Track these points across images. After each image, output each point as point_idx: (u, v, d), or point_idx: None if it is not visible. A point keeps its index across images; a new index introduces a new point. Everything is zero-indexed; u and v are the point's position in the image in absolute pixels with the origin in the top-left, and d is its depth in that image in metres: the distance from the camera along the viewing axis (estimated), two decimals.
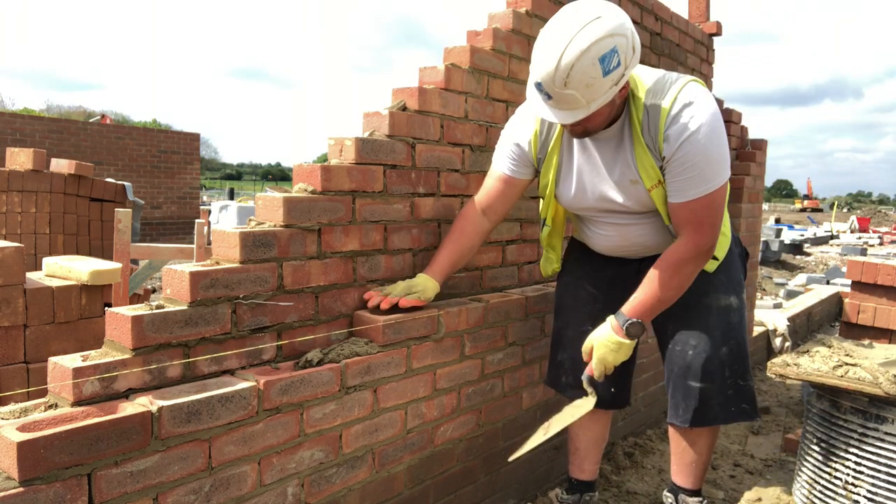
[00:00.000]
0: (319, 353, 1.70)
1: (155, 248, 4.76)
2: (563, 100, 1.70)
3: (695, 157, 1.78)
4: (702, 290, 2.07)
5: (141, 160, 11.56)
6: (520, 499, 2.48)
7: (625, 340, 1.90)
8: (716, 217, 1.87)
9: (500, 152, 2.10)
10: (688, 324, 2.07)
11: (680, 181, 1.83)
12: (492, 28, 2.32)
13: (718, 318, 2.06)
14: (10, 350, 2.26)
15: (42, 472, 1.16)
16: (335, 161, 1.87)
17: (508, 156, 2.07)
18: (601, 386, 2.02)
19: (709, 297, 2.08)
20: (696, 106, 1.79)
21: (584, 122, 1.79)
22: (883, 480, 2.04)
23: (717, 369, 2.03)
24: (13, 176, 4.43)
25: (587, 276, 2.23)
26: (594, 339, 1.95)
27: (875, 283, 3.49)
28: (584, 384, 1.97)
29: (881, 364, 2.12)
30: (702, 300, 2.07)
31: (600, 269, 2.21)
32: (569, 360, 2.20)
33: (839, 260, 13.86)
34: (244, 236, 1.59)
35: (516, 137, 2.06)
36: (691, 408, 2.05)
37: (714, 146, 1.79)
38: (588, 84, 1.66)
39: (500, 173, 2.09)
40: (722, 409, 2.04)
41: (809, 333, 5.79)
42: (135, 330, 1.38)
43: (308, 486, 1.66)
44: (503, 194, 2.10)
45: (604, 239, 2.14)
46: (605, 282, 2.19)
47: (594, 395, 1.96)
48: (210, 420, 1.41)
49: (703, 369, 2.02)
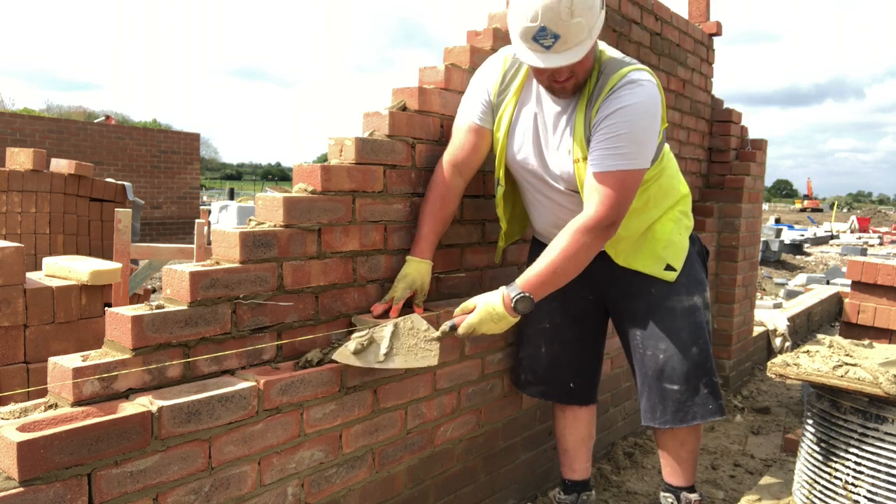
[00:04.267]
0: (319, 353, 1.70)
1: (155, 248, 4.76)
2: (570, 33, 1.68)
3: (620, 129, 1.79)
4: (664, 294, 2.09)
5: (141, 160, 11.56)
6: (520, 499, 2.48)
7: (509, 316, 1.82)
8: (625, 199, 1.83)
9: (470, 101, 2.05)
10: (654, 328, 2.08)
11: (601, 150, 1.81)
12: (492, 28, 2.32)
13: (684, 320, 2.08)
14: (10, 350, 2.26)
15: (42, 472, 1.16)
16: (335, 161, 1.87)
17: (479, 102, 2.02)
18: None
19: (671, 300, 2.09)
20: (640, 87, 1.81)
21: (578, 66, 1.78)
22: (883, 480, 2.04)
23: (691, 370, 2.06)
24: (13, 176, 4.43)
25: None
26: (480, 302, 1.84)
27: (875, 283, 3.49)
28: (440, 328, 1.82)
29: (881, 364, 2.12)
30: (664, 304, 2.09)
31: None
32: (527, 359, 2.27)
33: (839, 260, 13.86)
34: (244, 236, 1.59)
35: (485, 82, 2.02)
36: (669, 409, 2.08)
37: (641, 128, 1.81)
38: (590, 6, 1.69)
39: (471, 123, 2.02)
40: (700, 407, 2.08)
41: (809, 333, 5.79)
42: (135, 330, 1.38)
43: (308, 486, 1.66)
44: (475, 147, 2.03)
45: (539, 215, 2.13)
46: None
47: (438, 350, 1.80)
48: (210, 420, 1.41)
49: (676, 372, 2.06)
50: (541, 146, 1.99)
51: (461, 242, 2.26)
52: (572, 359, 2.27)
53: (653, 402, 2.11)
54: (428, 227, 1.99)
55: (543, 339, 2.25)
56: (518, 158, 2.03)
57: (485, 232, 2.36)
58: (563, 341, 2.25)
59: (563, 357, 2.25)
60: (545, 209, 2.10)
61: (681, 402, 2.07)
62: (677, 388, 2.07)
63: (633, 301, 2.14)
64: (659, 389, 2.09)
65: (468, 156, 2.03)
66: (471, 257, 2.31)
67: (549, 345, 2.25)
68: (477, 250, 2.33)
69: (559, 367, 2.26)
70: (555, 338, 2.24)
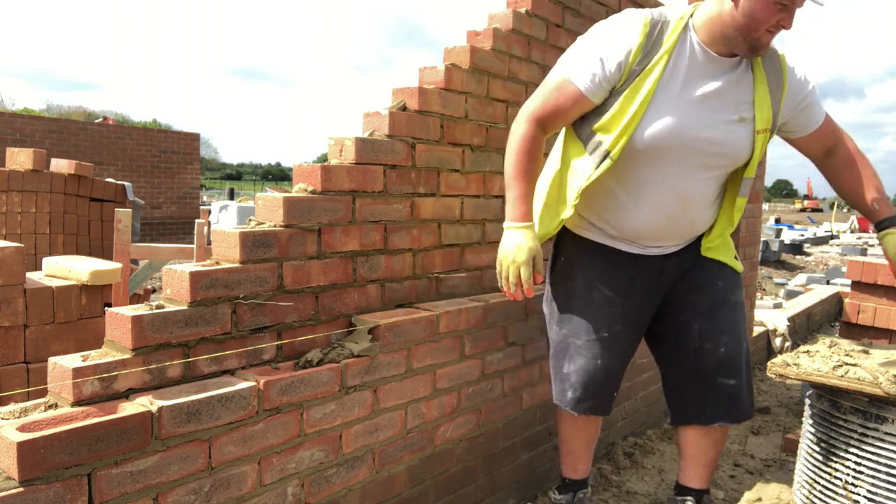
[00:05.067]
0: (319, 353, 1.70)
1: (155, 248, 4.76)
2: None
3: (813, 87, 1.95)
4: (728, 287, 2.05)
5: (141, 160, 11.56)
6: (520, 499, 2.48)
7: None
8: None
9: (586, 63, 1.79)
10: (719, 321, 2.03)
11: (813, 109, 1.94)
12: (492, 28, 2.32)
13: (741, 314, 2.07)
14: (10, 350, 2.26)
15: (42, 472, 1.16)
16: (335, 161, 1.87)
17: (598, 70, 1.77)
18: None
19: (733, 294, 2.07)
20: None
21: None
22: (883, 480, 2.04)
23: (744, 365, 2.04)
24: (13, 176, 4.43)
25: (602, 277, 2.01)
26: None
27: (875, 283, 3.49)
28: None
29: (881, 364, 2.12)
30: (728, 297, 2.05)
31: (619, 268, 2.01)
32: (576, 373, 2.02)
33: (839, 260, 13.86)
34: (244, 236, 1.59)
35: (616, 49, 1.76)
36: (721, 406, 2.03)
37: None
38: None
39: (575, 89, 1.80)
40: (747, 405, 2.05)
41: (809, 333, 5.79)
42: (135, 330, 1.38)
43: (308, 486, 1.66)
44: (568, 114, 1.86)
45: (648, 211, 1.90)
46: (623, 283, 2.01)
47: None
48: (210, 420, 1.41)
49: (735, 365, 2.01)
50: (699, 117, 1.80)
51: (461, 242, 2.26)
52: (623, 368, 2.10)
53: (703, 398, 2.04)
54: (525, 188, 1.85)
55: (601, 350, 2.01)
56: (660, 134, 1.79)
57: (485, 232, 2.36)
58: (620, 350, 2.05)
59: (617, 367, 2.06)
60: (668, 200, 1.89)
61: (733, 396, 2.02)
62: (734, 383, 2.01)
63: (701, 294, 2.05)
64: (713, 385, 2.02)
65: (560, 121, 1.89)
66: (471, 257, 2.31)
67: (608, 355, 2.01)
68: (477, 250, 2.33)
69: (613, 378, 2.07)
70: (613, 347, 2.02)
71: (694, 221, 1.97)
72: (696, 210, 1.93)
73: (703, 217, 1.98)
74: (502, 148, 2.38)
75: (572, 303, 2.05)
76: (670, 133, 1.79)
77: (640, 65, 1.76)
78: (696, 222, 1.98)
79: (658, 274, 2.01)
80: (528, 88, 2.47)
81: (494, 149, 2.35)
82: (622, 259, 2.01)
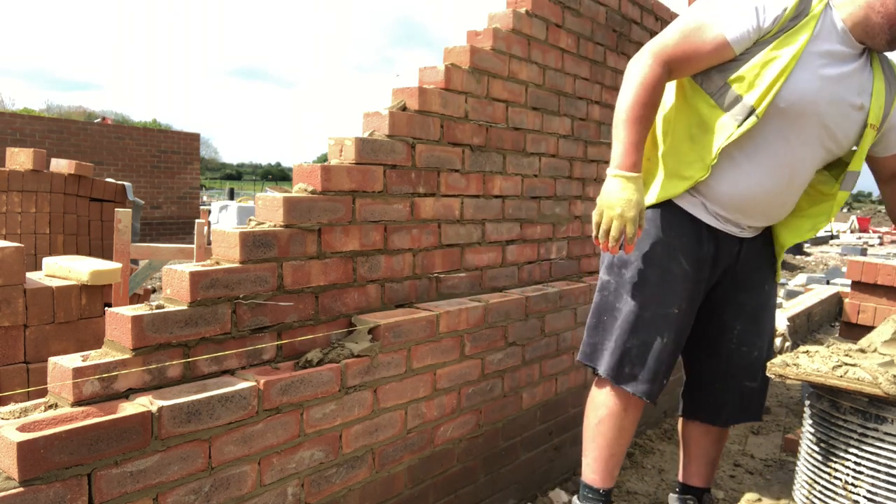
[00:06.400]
0: (319, 353, 1.70)
1: (155, 248, 4.76)
2: None
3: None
4: (770, 292, 2.06)
5: (141, 160, 11.56)
6: (520, 499, 2.48)
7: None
8: None
9: (735, 11, 1.70)
10: (759, 325, 2.03)
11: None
12: (492, 28, 2.32)
13: (774, 320, 2.08)
14: (10, 350, 2.26)
15: (42, 472, 1.17)
16: (335, 161, 1.87)
17: (750, 20, 1.68)
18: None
19: (772, 299, 2.08)
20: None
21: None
22: (883, 480, 2.04)
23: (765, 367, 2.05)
24: (13, 176, 4.43)
25: (684, 249, 1.88)
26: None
27: (875, 283, 3.50)
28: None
29: (881, 364, 2.12)
30: (769, 301, 2.06)
31: (701, 243, 1.90)
32: (637, 347, 1.88)
33: (839, 260, 13.86)
34: (244, 236, 1.59)
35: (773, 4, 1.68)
36: (737, 407, 2.04)
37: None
38: None
39: (720, 36, 1.69)
40: (760, 406, 2.06)
41: (809, 333, 5.79)
42: (135, 330, 1.38)
43: (308, 486, 1.66)
44: (702, 62, 1.74)
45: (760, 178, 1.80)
46: (701, 259, 1.91)
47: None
48: (210, 420, 1.41)
49: (759, 368, 2.01)
50: (833, 92, 1.75)
51: (461, 242, 2.26)
52: (679, 352, 2.00)
53: (723, 398, 2.05)
54: (640, 135, 1.73)
55: (668, 327, 1.88)
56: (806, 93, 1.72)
57: (485, 232, 2.36)
58: (682, 330, 1.94)
59: (676, 350, 1.95)
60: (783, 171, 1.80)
61: (752, 398, 2.04)
62: (756, 386, 2.03)
63: (749, 295, 2.02)
64: (737, 387, 2.03)
65: (690, 67, 1.76)
66: (471, 257, 2.31)
67: (673, 334, 1.90)
68: (477, 250, 2.33)
69: (671, 361, 1.94)
70: (679, 326, 1.91)
71: (786, 203, 1.89)
72: (796, 189, 1.87)
73: (794, 200, 1.91)
74: (502, 148, 2.39)
75: (649, 271, 1.90)
76: (812, 97, 1.72)
77: (792, 22, 1.69)
78: (787, 204, 1.90)
79: (735, 256, 1.93)
80: (528, 88, 2.48)
81: (494, 149, 2.35)
82: (707, 234, 1.91)
